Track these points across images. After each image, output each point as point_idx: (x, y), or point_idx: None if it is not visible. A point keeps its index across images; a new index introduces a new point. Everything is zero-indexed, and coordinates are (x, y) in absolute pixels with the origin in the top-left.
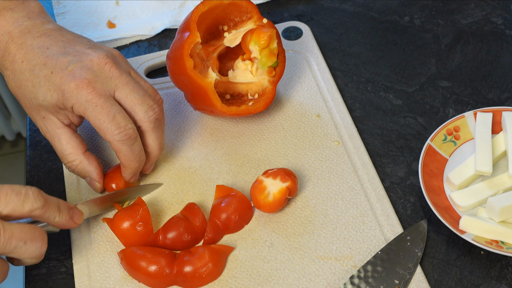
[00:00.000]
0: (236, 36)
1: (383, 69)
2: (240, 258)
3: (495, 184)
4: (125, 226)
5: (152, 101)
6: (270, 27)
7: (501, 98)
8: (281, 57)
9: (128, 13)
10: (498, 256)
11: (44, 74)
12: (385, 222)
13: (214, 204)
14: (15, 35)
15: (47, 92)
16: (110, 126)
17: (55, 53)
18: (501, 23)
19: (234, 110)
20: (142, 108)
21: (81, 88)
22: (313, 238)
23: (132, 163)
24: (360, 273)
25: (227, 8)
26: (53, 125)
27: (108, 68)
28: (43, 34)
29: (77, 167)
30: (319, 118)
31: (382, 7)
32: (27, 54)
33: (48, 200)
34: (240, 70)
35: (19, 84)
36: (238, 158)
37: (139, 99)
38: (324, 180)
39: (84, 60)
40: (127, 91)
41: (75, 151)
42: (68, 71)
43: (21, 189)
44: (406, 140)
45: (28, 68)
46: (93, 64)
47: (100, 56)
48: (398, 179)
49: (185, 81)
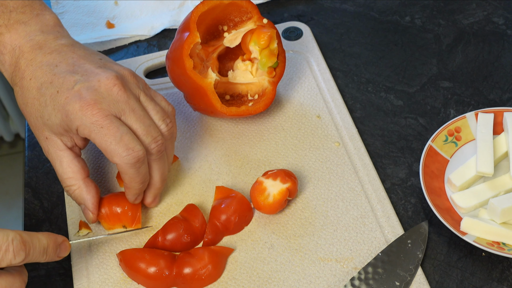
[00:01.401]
0: (236, 37)
1: (384, 70)
2: (240, 259)
3: (497, 185)
4: None
5: (157, 133)
6: (270, 27)
7: (503, 98)
8: (281, 57)
9: (127, 13)
10: (500, 258)
11: (50, 93)
12: (385, 223)
13: (214, 205)
14: (26, 50)
15: (52, 112)
16: (118, 148)
17: (63, 71)
18: (503, 23)
19: (234, 111)
20: (146, 140)
21: (86, 109)
22: (314, 239)
23: (137, 185)
24: (360, 275)
25: (227, 8)
26: (55, 147)
27: (116, 91)
28: (54, 50)
29: (74, 192)
30: (320, 119)
31: (383, 7)
32: (36, 71)
33: (31, 250)
34: (240, 70)
35: (26, 102)
36: (238, 159)
37: (143, 129)
38: (324, 181)
39: (92, 80)
40: (132, 119)
41: (75, 176)
42: (74, 91)
43: (2, 245)
44: (407, 141)
45: (35, 86)
46: (100, 85)
47: (109, 77)
48: (399, 180)
49: (185, 81)
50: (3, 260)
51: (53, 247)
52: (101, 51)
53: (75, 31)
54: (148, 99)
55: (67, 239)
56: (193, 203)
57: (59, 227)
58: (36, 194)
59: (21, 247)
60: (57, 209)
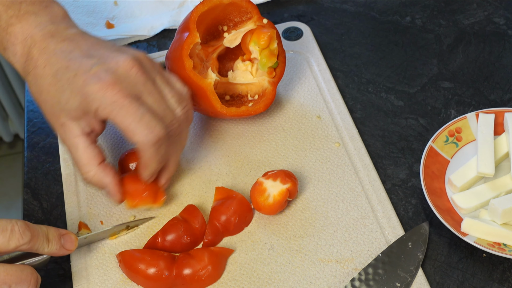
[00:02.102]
0: (236, 37)
1: (384, 70)
2: (240, 260)
3: (498, 186)
4: None
5: (173, 116)
6: (270, 27)
7: (504, 99)
8: (281, 57)
9: (126, 14)
10: (500, 259)
11: (67, 77)
12: (386, 224)
13: (214, 206)
14: (38, 39)
15: (70, 95)
16: (139, 127)
17: (78, 56)
18: (504, 23)
19: (233, 111)
20: (161, 123)
21: (105, 90)
22: (314, 240)
23: (154, 165)
24: (361, 276)
25: (227, 8)
26: (71, 133)
27: (134, 73)
28: (66, 39)
29: (93, 179)
30: (320, 119)
31: (383, 7)
32: (50, 58)
33: (35, 232)
34: (240, 71)
35: (41, 90)
36: (238, 160)
37: (160, 113)
38: (324, 182)
39: (109, 62)
40: (150, 101)
41: (90, 162)
42: (91, 73)
43: (7, 225)
44: (408, 141)
45: (50, 73)
46: (118, 66)
47: (127, 59)
48: (399, 181)
49: (184, 81)
50: (11, 240)
51: (55, 235)
52: None
53: None
54: (164, 83)
55: (72, 233)
56: (193, 204)
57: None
58: (36, 195)
59: (26, 227)
60: (57, 210)
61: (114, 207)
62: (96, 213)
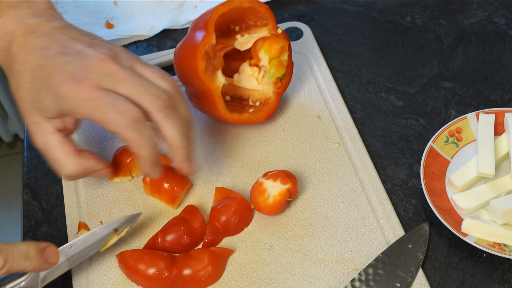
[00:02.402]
0: (248, 41)
1: (385, 70)
2: (240, 261)
3: (498, 186)
4: None
5: (158, 90)
6: (284, 38)
7: (504, 99)
8: (289, 69)
9: (126, 13)
10: (501, 259)
11: (43, 76)
12: (386, 224)
13: (214, 206)
14: (18, 35)
15: (46, 94)
16: (113, 115)
17: (54, 54)
18: (504, 23)
19: (236, 118)
20: (147, 99)
21: (78, 87)
22: (314, 240)
23: (144, 151)
24: (361, 276)
25: (244, 10)
26: (44, 131)
27: (106, 65)
28: (46, 33)
29: (72, 171)
30: (320, 119)
31: (384, 7)
32: (28, 55)
33: (10, 255)
34: (246, 75)
35: (18, 86)
36: (238, 160)
37: (141, 90)
38: (324, 182)
39: (82, 59)
40: (128, 85)
41: (66, 155)
42: (65, 72)
43: None
44: (408, 141)
45: (28, 70)
46: (90, 62)
47: (99, 54)
48: (399, 181)
49: (193, 80)
50: None
51: (35, 251)
52: None
53: None
54: (143, 66)
55: (53, 244)
56: (192, 204)
57: (58, 228)
58: (35, 195)
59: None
60: (56, 210)
61: (114, 207)
62: (96, 213)
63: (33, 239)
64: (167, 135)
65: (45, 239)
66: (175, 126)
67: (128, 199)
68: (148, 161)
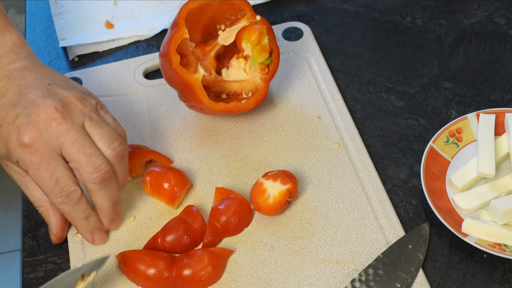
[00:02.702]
0: (229, 34)
1: (385, 70)
2: (240, 261)
3: (498, 187)
4: None
5: (100, 160)
6: (263, 23)
7: (504, 99)
8: (274, 54)
9: (126, 13)
10: (501, 260)
11: None
12: (386, 225)
13: (214, 207)
14: None
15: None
16: (53, 189)
17: (7, 103)
18: (504, 23)
19: (222, 107)
20: (87, 170)
21: (24, 148)
22: (314, 241)
23: (79, 222)
24: (361, 277)
25: (221, 7)
26: (17, 174)
27: (55, 125)
28: (5, 76)
29: (43, 213)
30: (320, 119)
31: (384, 7)
32: None
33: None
34: (233, 68)
35: None
36: (238, 160)
37: (84, 160)
38: (325, 183)
39: (32, 114)
40: (73, 150)
41: (43, 198)
42: (14, 127)
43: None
44: (408, 142)
45: None
46: (39, 120)
47: (48, 110)
48: (399, 182)
49: (173, 77)
50: None
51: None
52: (100, 51)
53: (73, 32)
54: (93, 124)
55: None
56: (192, 204)
57: None
58: None
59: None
60: None
61: None
62: None
63: (33, 239)
64: (97, 203)
65: (45, 239)
66: (106, 197)
67: (128, 199)
68: (83, 230)
